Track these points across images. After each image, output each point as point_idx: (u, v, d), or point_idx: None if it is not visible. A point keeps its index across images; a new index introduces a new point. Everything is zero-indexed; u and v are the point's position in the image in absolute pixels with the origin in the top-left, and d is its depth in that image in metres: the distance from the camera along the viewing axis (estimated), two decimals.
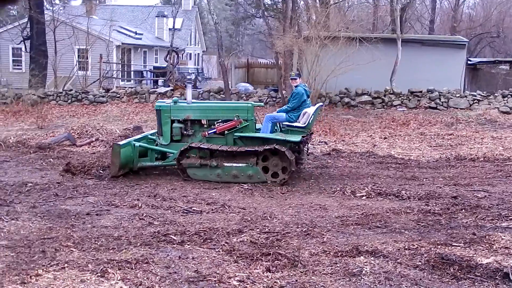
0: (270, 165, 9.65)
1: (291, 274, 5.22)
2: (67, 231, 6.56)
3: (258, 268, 5.37)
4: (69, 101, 23.12)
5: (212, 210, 7.76)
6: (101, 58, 27.68)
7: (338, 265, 5.44)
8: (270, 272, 5.25)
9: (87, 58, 29.94)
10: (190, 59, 47.50)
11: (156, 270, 5.27)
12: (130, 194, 8.66)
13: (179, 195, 8.62)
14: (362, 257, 5.68)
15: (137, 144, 10.11)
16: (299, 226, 6.91)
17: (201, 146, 9.69)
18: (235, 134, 9.92)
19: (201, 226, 6.81)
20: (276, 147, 9.46)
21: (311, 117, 9.91)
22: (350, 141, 14.74)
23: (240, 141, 9.94)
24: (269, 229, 6.73)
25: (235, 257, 5.67)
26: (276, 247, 5.98)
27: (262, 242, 6.18)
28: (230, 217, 7.38)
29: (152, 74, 34.12)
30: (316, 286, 4.93)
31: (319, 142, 14.36)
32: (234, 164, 9.60)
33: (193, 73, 37.62)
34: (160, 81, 29.79)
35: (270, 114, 10.57)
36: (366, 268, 5.37)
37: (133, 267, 5.32)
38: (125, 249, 5.90)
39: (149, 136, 10.85)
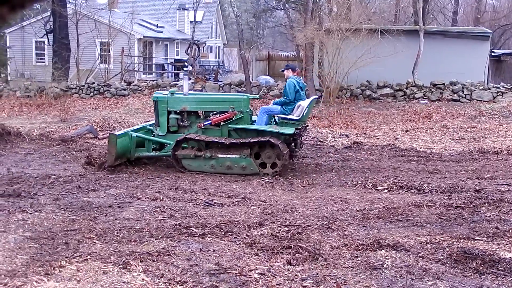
0: (264, 157, 9.74)
1: (312, 267, 5.22)
2: (89, 223, 6.63)
3: (278, 261, 5.38)
4: (91, 94, 23.31)
5: (233, 203, 7.78)
6: (122, 51, 27.83)
7: (359, 259, 5.42)
8: (291, 265, 5.25)
9: (109, 51, 30.14)
10: (211, 52, 47.56)
11: (178, 262, 5.31)
12: (152, 187, 8.72)
13: (200, 188, 8.66)
14: (383, 251, 5.66)
15: (134, 134, 10.24)
16: (320, 219, 6.90)
17: (195, 137, 9.77)
18: (230, 125, 10.01)
19: (222, 219, 6.83)
20: (271, 139, 9.52)
21: (305, 109, 9.94)
22: (372, 134, 14.66)
23: (235, 133, 10.03)
24: (290, 222, 6.73)
25: (256, 250, 5.68)
26: (297, 240, 5.98)
27: (283, 235, 6.18)
28: (251, 210, 7.39)
29: (173, 67, 34.24)
30: (337, 279, 4.92)
31: (340, 135, 14.30)
32: (228, 156, 9.72)
33: (214, 66, 37.67)
34: (181, 74, 29.89)
35: (265, 106, 10.79)
36: (388, 261, 5.34)
37: (155, 259, 5.36)
38: (147, 241, 5.95)
39: (148, 127, 10.98)
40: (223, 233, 6.27)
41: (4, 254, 5.56)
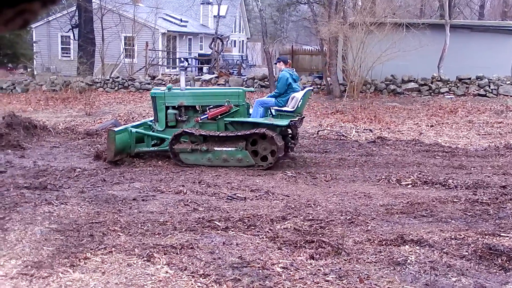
0: (259, 149, 9.82)
1: (335, 262, 5.21)
2: (114, 216, 6.70)
3: (301, 255, 5.38)
4: (116, 88, 23.50)
5: (256, 197, 7.79)
6: (147, 46, 28.00)
7: (383, 254, 5.39)
8: (313, 260, 5.25)
9: (133, 46, 30.36)
10: (235, 46, 47.60)
11: (201, 255, 5.34)
12: (176, 180, 8.77)
13: (223, 182, 8.69)
14: (407, 246, 5.62)
15: (133, 130, 10.39)
16: (343, 214, 6.88)
17: (190, 131, 9.90)
18: (225, 119, 10.13)
19: (245, 213, 6.85)
20: (266, 132, 9.61)
21: (300, 101, 10.03)
22: (396, 128, 14.55)
23: (231, 126, 10.13)
24: (313, 217, 6.72)
25: (278, 244, 5.69)
26: (320, 235, 5.97)
27: (306, 230, 6.18)
28: (274, 204, 7.40)
29: (197, 61, 34.36)
30: (360, 274, 4.91)
31: (364, 129, 14.22)
32: (224, 149, 9.83)
33: (238, 60, 37.69)
34: (205, 68, 29.97)
35: (260, 99, 10.93)
36: (411, 257, 5.31)
37: (178, 252, 5.40)
38: (171, 234, 5.99)
39: (148, 123, 11.14)
40: (246, 227, 6.29)
41: (30, 245, 5.65)
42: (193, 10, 40.75)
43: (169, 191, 8.02)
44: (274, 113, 10.38)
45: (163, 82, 23.26)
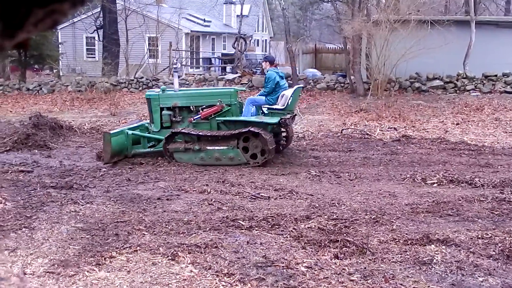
0: (251, 147, 9.93)
1: (360, 261, 5.18)
2: (139, 215, 6.76)
3: (326, 254, 5.36)
4: (140, 88, 23.66)
5: (280, 196, 7.78)
6: (170, 46, 28.14)
7: (408, 253, 5.35)
8: (338, 259, 5.22)
9: (157, 46, 30.52)
10: (258, 45, 47.59)
11: (225, 254, 5.35)
12: (200, 180, 8.81)
13: (247, 181, 8.70)
14: (433, 246, 5.57)
15: (130, 132, 10.54)
16: (368, 213, 6.83)
17: (184, 132, 10.09)
18: (217, 118, 10.29)
19: (269, 212, 6.85)
20: (252, 129, 9.74)
21: (290, 98, 10.23)
22: (421, 127, 14.41)
23: (224, 125, 10.29)
24: (337, 216, 6.69)
25: (303, 243, 5.68)
26: (344, 234, 5.94)
27: (330, 229, 6.15)
28: (298, 203, 7.38)
29: (220, 61, 34.43)
30: (385, 274, 4.87)
31: (388, 128, 14.12)
32: (216, 147, 9.98)
33: (261, 59, 37.68)
34: (228, 68, 30.02)
35: (251, 98, 11.16)
36: (437, 257, 5.26)
37: (203, 251, 5.42)
38: (195, 233, 6.02)
39: (145, 125, 11.26)
40: (270, 226, 6.28)
41: (57, 244, 5.72)
42: (216, 10, 40.86)
43: (193, 191, 8.06)
44: (266, 112, 10.57)
45: (187, 82, 23.36)
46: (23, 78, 25.35)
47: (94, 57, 33.43)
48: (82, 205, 7.22)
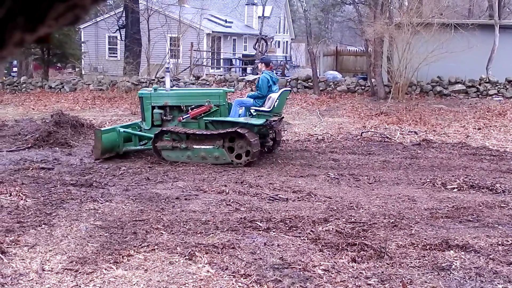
0: (236, 147, 10.11)
1: (377, 265, 5.14)
2: (157, 214, 6.78)
3: (343, 258, 5.33)
4: None
5: (298, 198, 7.76)
6: (192, 46, 28.25)
7: (426, 259, 5.30)
8: (355, 263, 5.19)
9: (179, 46, 30.65)
10: (279, 47, 47.58)
11: (242, 255, 5.34)
12: (218, 180, 8.82)
13: (266, 182, 8.69)
14: (452, 251, 5.51)
15: (122, 130, 10.82)
16: (386, 217, 6.78)
17: (171, 130, 10.32)
18: (205, 118, 10.50)
19: (286, 214, 6.83)
20: (237, 130, 9.90)
21: (276, 101, 10.38)
22: (442, 131, 14.28)
23: (211, 125, 10.48)
24: (355, 219, 6.65)
25: (320, 246, 5.65)
26: (362, 238, 5.90)
27: (348, 232, 6.12)
28: (316, 205, 7.35)
29: (241, 62, 34.48)
30: (403, 278, 4.83)
31: (408, 132, 14.01)
32: (202, 146, 10.18)
33: (281, 61, 37.67)
34: (249, 69, 30.04)
35: (238, 99, 11.41)
36: (456, 262, 5.20)
37: (220, 252, 5.42)
38: (212, 233, 6.02)
39: (138, 123, 11.49)
40: (287, 228, 6.27)
41: (76, 241, 5.77)
42: (238, 11, 40.92)
43: (211, 191, 8.07)
44: (253, 113, 10.73)
45: (207, 82, 23.43)
46: (46, 76, 25.63)
47: (116, 57, 33.67)
48: (101, 203, 7.27)
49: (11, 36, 0.73)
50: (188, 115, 10.59)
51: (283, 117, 11.49)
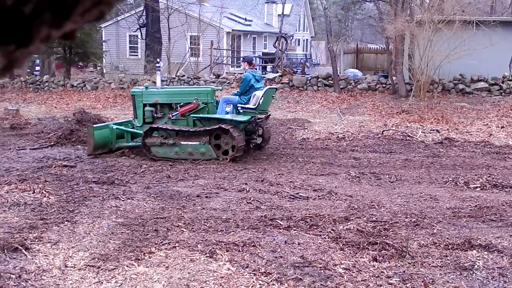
0: (222, 144, 10.33)
1: (399, 264, 5.11)
2: (178, 212, 6.81)
3: (364, 257, 5.30)
4: None
5: (319, 196, 7.74)
6: (212, 45, 28.30)
7: (449, 258, 5.25)
8: (376, 262, 5.16)
9: (199, 45, 30.73)
10: (299, 45, 47.47)
11: (263, 253, 5.34)
12: (239, 178, 8.83)
13: (286, 181, 8.68)
14: (474, 251, 5.45)
15: (114, 127, 11.10)
16: (408, 216, 6.73)
17: (161, 127, 10.51)
18: (192, 115, 10.68)
19: (307, 212, 6.81)
20: (222, 126, 10.09)
21: (261, 99, 10.57)
22: (464, 129, 14.13)
23: (199, 122, 10.70)
24: (376, 218, 6.61)
25: (341, 245, 5.63)
26: (384, 237, 5.86)
27: (369, 231, 6.08)
28: (337, 204, 7.32)
29: (261, 60, 34.47)
30: (425, 278, 4.79)
31: (430, 130, 13.89)
32: (189, 143, 10.39)
33: (301, 59, 37.58)
34: (269, 67, 30.01)
35: (225, 97, 11.64)
36: (479, 262, 5.14)
37: (240, 250, 5.43)
38: (233, 231, 6.03)
39: (132, 121, 11.68)
40: (308, 227, 6.25)
41: (98, 238, 5.82)
42: (258, 9, 40.92)
43: (232, 189, 8.08)
44: (240, 110, 10.94)
45: (227, 81, 23.46)
46: (68, 75, 25.89)
47: (137, 55, 33.86)
48: (123, 200, 7.32)
49: (38, 32, 0.73)
50: (177, 112, 10.80)
51: (269, 115, 11.74)
